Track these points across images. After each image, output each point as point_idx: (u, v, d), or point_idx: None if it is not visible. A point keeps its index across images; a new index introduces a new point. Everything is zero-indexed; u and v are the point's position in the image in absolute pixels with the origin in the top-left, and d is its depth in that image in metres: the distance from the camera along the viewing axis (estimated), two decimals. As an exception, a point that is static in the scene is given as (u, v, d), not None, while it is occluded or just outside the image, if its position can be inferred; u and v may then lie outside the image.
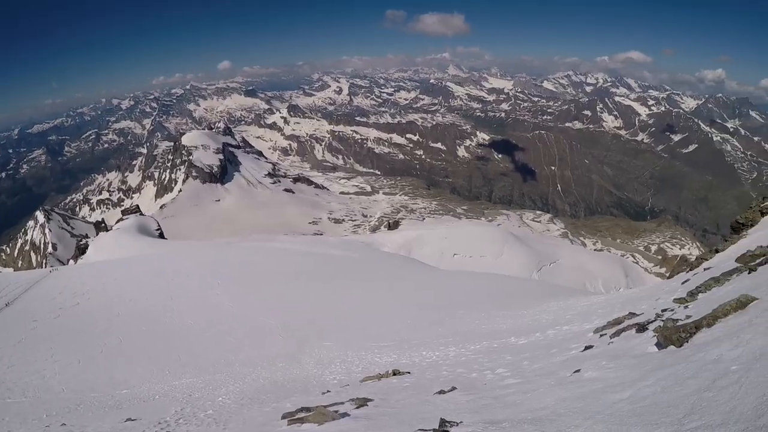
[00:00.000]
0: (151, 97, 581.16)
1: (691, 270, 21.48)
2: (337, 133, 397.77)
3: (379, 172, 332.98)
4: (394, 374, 12.38)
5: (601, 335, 11.68)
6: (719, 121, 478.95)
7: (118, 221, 73.51)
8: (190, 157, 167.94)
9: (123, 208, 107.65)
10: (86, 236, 69.45)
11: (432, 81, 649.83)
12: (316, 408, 8.66)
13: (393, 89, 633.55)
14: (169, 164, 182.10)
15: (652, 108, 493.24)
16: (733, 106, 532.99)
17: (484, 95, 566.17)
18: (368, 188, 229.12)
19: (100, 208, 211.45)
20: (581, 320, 16.19)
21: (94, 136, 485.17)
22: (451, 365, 12.96)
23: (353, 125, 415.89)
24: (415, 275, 42.46)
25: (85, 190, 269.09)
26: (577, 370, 8.11)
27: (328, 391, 12.01)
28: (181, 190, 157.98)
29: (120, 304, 27.15)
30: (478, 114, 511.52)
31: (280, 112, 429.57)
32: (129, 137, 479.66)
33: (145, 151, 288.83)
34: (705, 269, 18.52)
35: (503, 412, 6.51)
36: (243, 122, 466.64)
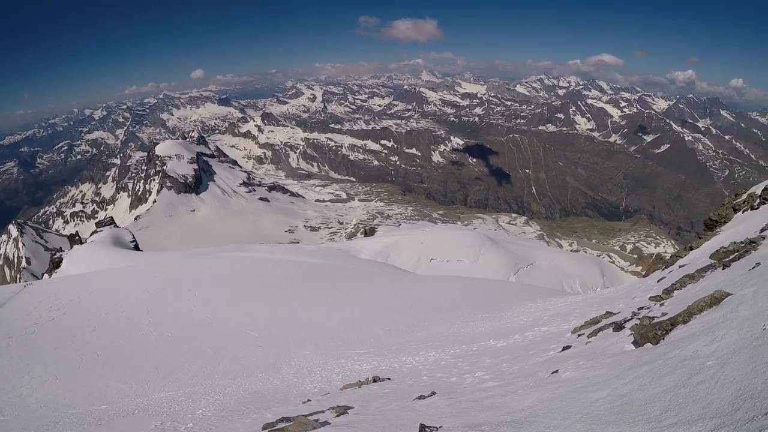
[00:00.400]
0: (124, 106, 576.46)
1: (666, 268, 21.68)
2: (311, 141, 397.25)
3: (354, 179, 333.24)
4: (375, 381, 12.33)
5: (578, 335, 11.74)
6: (690, 121, 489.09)
7: (92, 234, 72.76)
8: (164, 168, 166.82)
9: (97, 220, 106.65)
10: (60, 250, 68.44)
11: (406, 87, 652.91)
12: (296, 418, 8.60)
13: (367, 96, 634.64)
14: (143, 175, 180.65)
15: (625, 110, 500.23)
16: (703, 106, 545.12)
17: (457, 100, 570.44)
18: (344, 195, 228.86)
19: (74, 220, 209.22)
20: (559, 321, 16.27)
21: (66, 148, 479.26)
22: (431, 370, 12.95)
23: (327, 132, 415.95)
24: (393, 281, 42.42)
25: (58, 203, 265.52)
26: (555, 371, 8.13)
27: (309, 400, 11.92)
28: (155, 201, 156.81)
29: (96, 318, 26.79)
30: (452, 119, 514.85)
31: (254, 121, 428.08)
32: (102, 148, 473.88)
33: (118, 161, 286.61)
34: (680, 267, 18.71)
35: (482, 416, 6.50)
36: (217, 131, 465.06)
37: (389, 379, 12.47)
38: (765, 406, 3.81)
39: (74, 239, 74.30)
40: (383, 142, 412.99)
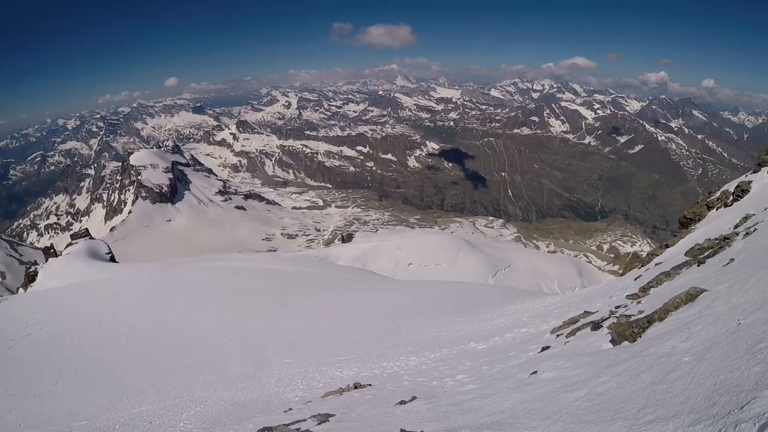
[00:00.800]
0: (98, 116, 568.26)
1: (642, 266, 21.91)
2: (287, 148, 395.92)
3: (330, 186, 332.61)
4: (356, 387, 12.29)
5: (557, 335, 11.80)
6: (663, 121, 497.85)
7: (67, 246, 71.73)
8: (139, 177, 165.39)
9: (72, 232, 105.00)
10: (35, 263, 67.59)
11: (380, 93, 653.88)
12: (277, 427, 8.55)
13: (342, 102, 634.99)
14: (117, 185, 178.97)
15: (598, 111, 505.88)
16: (676, 106, 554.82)
17: (432, 105, 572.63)
18: (320, 202, 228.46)
19: (48, 232, 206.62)
20: (538, 322, 16.35)
21: (39, 158, 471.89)
22: (411, 375, 12.94)
23: (303, 139, 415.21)
24: (372, 287, 42.36)
25: (32, 215, 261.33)
26: (534, 372, 8.16)
27: (290, 409, 11.86)
28: (131, 212, 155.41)
29: (74, 332, 26.41)
30: (427, 124, 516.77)
31: (229, 129, 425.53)
32: (76, 158, 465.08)
33: (92, 172, 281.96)
34: (656, 265, 18.92)
35: (463, 419, 6.49)
36: (192, 140, 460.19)
37: (370, 385, 12.44)
38: (741, 400, 3.85)
39: (49, 252, 73.39)
40: (359, 148, 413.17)
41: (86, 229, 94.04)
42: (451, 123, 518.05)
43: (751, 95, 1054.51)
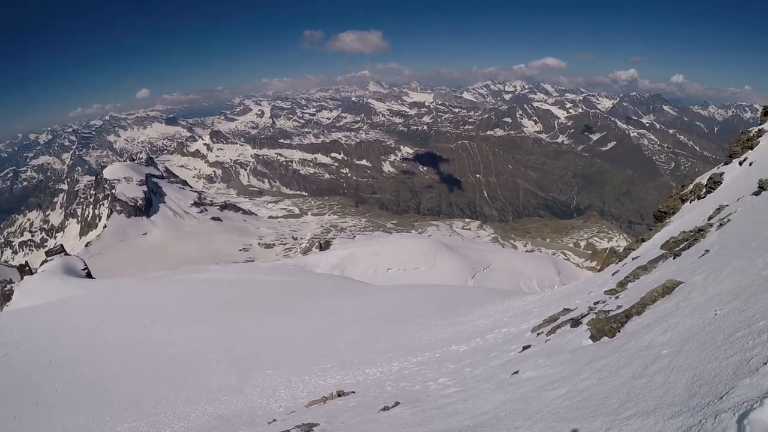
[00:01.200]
0: (70, 129, 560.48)
1: (620, 261, 22.11)
2: (261, 157, 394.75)
3: (306, 194, 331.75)
4: (339, 395, 12.25)
5: (538, 334, 11.85)
6: (635, 117, 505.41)
7: (42, 263, 70.92)
8: (113, 191, 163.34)
9: (47, 249, 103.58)
10: (11, 281, 66.54)
11: (353, 99, 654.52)
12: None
13: (315, 109, 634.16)
14: (91, 200, 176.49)
15: (570, 110, 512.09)
16: (647, 102, 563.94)
17: (405, 110, 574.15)
18: (296, 210, 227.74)
19: (22, 250, 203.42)
20: (519, 321, 16.41)
21: (12, 174, 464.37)
22: (394, 380, 12.91)
23: (277, 148, 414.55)
24: (351, 293, 42.30)
25: (6, 232, 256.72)
26: (516, 372, 8.17)
27: (274, 420, 11.78)
28: (105, 226, 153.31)
29: (52, 350, 25.98)
30: (400, 128, 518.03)
31: (202, 139, 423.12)
32: (48, 173, 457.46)
33: (66, 187, 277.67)
34: (633, 259, 19.08)
35: (446, 422, 6.48)
36: (165, 151, 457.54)
37: (353, 392, 12.40)
38: (720, 391, 3.87)
39: (24, 270, 72.40)
40: (333, 154, 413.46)
41: (61, 245, 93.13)
42: (425, 127, 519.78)
43: (720, 89, 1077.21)
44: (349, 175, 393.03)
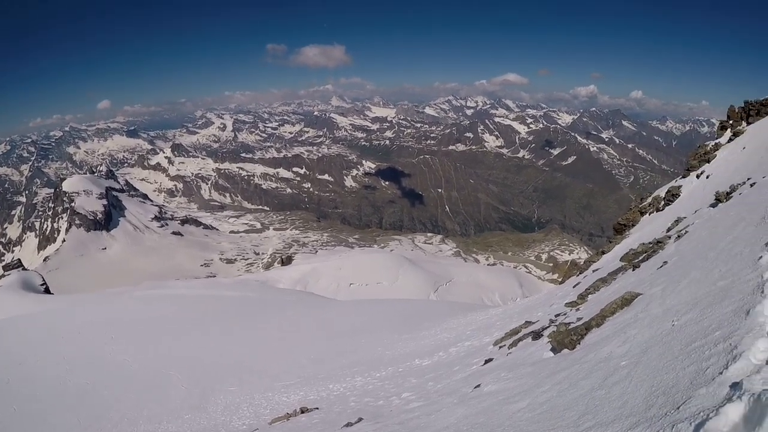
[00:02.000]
0: (29, 140, 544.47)
1: (581, 273, 22.36)
2: (223, 171, 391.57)
3: (268, 208, 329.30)
4: (302, 412, 12.15)
5: (500, 347, 11.90)
6: (594, 132, 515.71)
7: (-1, 278, 69.30)
8: (72, 204, 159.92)
9: (4, 263, 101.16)
10: (-36, 300, 64.77)
11: (316, 113, 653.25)
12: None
13: (277, 123, 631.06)
14: (50, 213, 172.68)
15: (531, 126, 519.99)
16: (606, 117, 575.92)
17: (368, 124, 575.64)
18: (258, 225, 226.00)
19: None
20: (481, 334, 16.47)
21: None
22: (358, 395, 12.85)
23: (239, 162, 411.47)
24: (315, 309, 42.09)
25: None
26: (478, 385, 8.19)
27: (236, 438, 11.63)
28: (64, 240, 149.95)
29: (8, 369, 25.25)
30: (363, 143, 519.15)
31: (163, 152, 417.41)
32: (6, 185, 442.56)
33: (24, 199, 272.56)
34: (593, 271, 19.36)
35: (408, 437, 6.46)
36: (126, 164, 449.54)
37: (317, 408, 12.31)
38: (677, 401, 3.91)
39: (-21, 287, 70.65)
40: (295, 169, 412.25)
41: (19, 259, 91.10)
42: (387, 142, 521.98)
43: (678, 104, 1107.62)
44: (311, 189, 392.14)
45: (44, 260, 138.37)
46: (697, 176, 22.33)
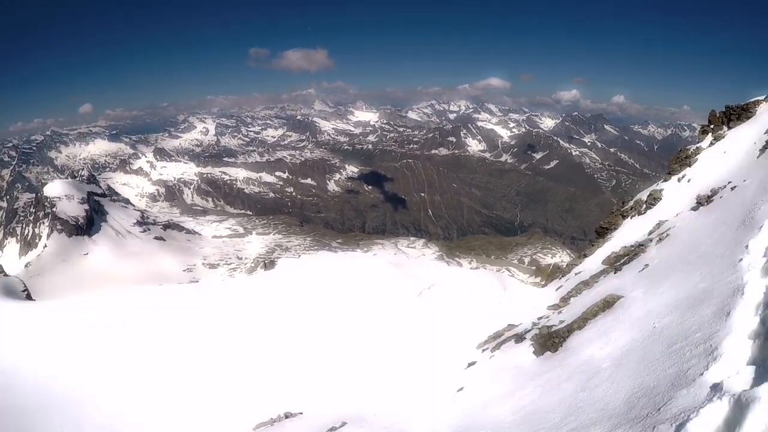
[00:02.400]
0: (10, 144, 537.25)
1: (563, 276, 22.46)
2: (205, 176, 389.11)
3: (250, 213, 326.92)
4: (287, 417, 12.09)
5: (483, 350, 11.90)
6: (577, 137, 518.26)
7: (-22, 286, 68.25)
8: (54, 209, 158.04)
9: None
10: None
11: (299, 117, 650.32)
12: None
13: (260, 127, 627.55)
14: (31, 218, 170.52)
15: (514, 130, 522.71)
16: (588, 122, 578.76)
17: (350, 128, 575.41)
18: (241, 230, 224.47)
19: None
20: (464, 337, 16.47)
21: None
22: (342, 399, 12.80)
23: (221, 166, 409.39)
24: (299, 314, 41.92)
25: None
26: (461, 388, 8.17)
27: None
28: (46, 246, 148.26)
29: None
30: (345, 147, 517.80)
31: (146, 157, 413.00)
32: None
33: (5, 204, 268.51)
34: (576, 274, 19.45)
35: (391, 440, 6.43)
36: (108, 169, 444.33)
37: (301, 413, 12.25)
38: (658, 402, 3.91)
39: (-43, 295, 69.60)
40: (278, 173, 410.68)
41: (0, 265, 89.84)
42: (370, 146, 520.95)
43: (660, 109, 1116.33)
44: (293, 194, 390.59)
45: (26, 266, 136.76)
46: (679, 180, 22.48)
